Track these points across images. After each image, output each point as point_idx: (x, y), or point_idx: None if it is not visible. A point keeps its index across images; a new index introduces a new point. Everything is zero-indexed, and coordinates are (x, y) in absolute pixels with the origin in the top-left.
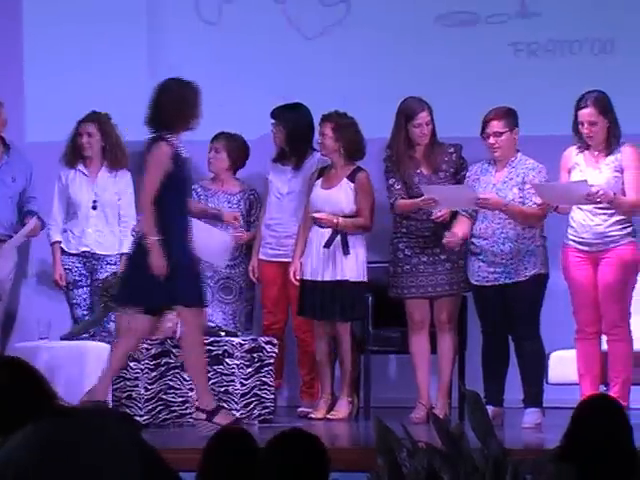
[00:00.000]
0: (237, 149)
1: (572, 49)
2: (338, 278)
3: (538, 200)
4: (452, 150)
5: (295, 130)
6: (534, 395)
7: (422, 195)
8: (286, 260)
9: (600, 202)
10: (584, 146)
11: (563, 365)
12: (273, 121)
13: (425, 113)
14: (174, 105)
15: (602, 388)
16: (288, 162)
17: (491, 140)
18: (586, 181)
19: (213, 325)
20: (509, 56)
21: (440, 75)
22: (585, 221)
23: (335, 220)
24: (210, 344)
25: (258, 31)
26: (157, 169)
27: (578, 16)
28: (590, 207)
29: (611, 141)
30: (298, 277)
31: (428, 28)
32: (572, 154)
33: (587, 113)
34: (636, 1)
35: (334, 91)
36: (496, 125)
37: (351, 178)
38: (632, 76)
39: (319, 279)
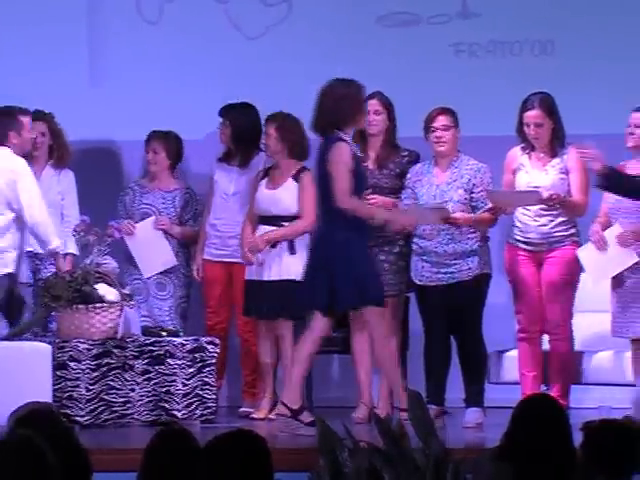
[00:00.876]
0: (174, 147)
1: (513, 50)
2: (283, 277)
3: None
4: (406, 154)
5: (242, 129)
6: (475, 394)
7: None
8: (231, 260)
9: (553, 205)
10: (529, 147)
11: (504, 364)
12: (220, 120)
13: (374, 101)
14: (343, 105)
15: (543, 388)
16: (234, 161)
17: (438, 134)
18: (538, 192)
19: (154, 325)
20: (450, 57)
21: (382, 75)
22: (530, 221)
23: (266, 238)
24: (152, 344)
25: (200, 31)
26: (344, 167)
27: (518, 17)
28: (536, 208)
29: (556, 143)
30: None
31: (370, 28)
32: (517, 155)
33: (533, 115)
34: (576, 2)
35: (277, 91)
36: (443, 119)
37: (296, 178)
38: (572, 77)
39: (264, 279)
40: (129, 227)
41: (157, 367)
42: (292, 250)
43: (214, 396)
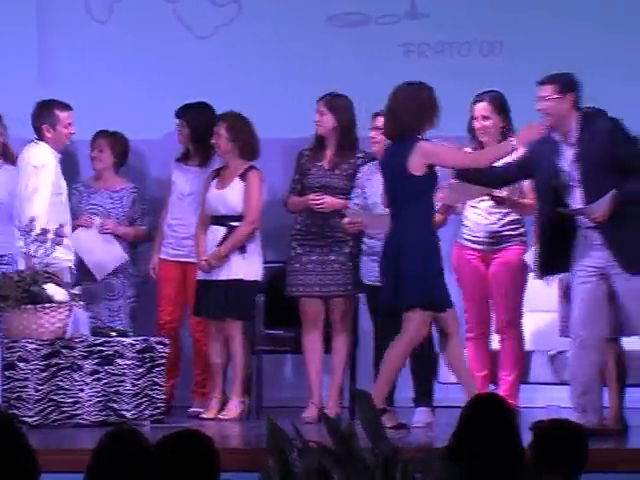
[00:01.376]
0: (120, 146)
1: (461, 50)
2: (231, 277)
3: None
4: (361, 155)
5: (200, 129)
6: (424, 394)
7: (314, 186)
8: (186, 260)
9: (501, 204)
10: (479, 147)
11: None
12: (177, 120)
13: (320, 102)
14: (423, 109)
15: (491, 387)
16: (192, 162)
17: (372, 134)
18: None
19: (103, 326)
20: (399, 57)
21: (331, 75)
22: (480, 220)
23: (217, 256)
24: (101, 344)
25: (150, 30)
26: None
27: (467, 18)
28: (485, 206)
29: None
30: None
31: (319, 28)
32: None
33: (480, 107)
34: (524, 3)
35: (227, 91)
36: (379, 120)
37: (243, 177)
38: (520, 77)
39: (214, 278)
40: (89, 221)
41: (106, 367)
42: (242, 250)
43: (164, 396)
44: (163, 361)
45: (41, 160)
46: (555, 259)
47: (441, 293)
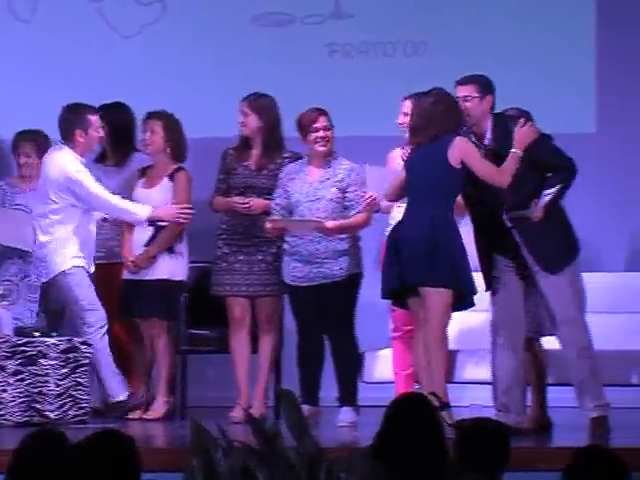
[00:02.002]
0: (44, 146)
1: (386, 51)
2: (157, 277)
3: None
4: (288, 155)
5: (119, 129)
6: (349, 394)
7: (240, 186)
8: (111, 261)
9: None
10: (408, 147)
11: (378, 364)
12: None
13: (243, 103)
14: (450, 112)
15: (416, 386)
16: (110, 162)
17: (321, 134)
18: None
19: (26, 326)
20: (324, 57)
21: (256, 75)
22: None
23: (146, 257)
24: (24, 345)
25: (74, 30)
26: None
27: (391, 18)
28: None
29: None
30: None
31: (244, 28)
32: (397, 154)
33: (406, 104)
34: (447, 3)
35: (152, 90)
36: (324, 119)
37: (172, 178)
38: (445, 77)
39: (140, 278)
40: None
41: (30, 367)
42: (170, 250)
43: (87, 397)
44: (87, 361)
45: (74, 166)
46: (481, 259)
47: (470, 280)
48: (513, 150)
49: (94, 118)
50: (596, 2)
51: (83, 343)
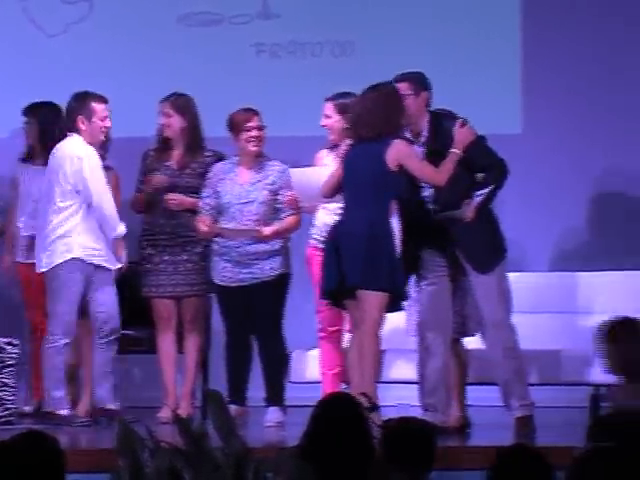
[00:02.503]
0: None
1: (314, 51)
2: None
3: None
4: (210, 154)
5: (49, 128)
6: (276, 394)
7: (165, 187)
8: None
9: None
10: (334, 147)
11: (306, 363)
12: (25, 119)
13: (164, 104)
14: (395, 110)
15: (343, 386)
16: (39, 161)
17: (254, 133)
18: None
19: None
20: (252, 57)
21: (184, 75)
22: (328, 220)
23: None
24: None
25: None
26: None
27: (319, 18)
28: (334, 207)
29: None
30: None
31: (171, 28)
32: (323, 155)
33: (325, 106)
34: (374, 4)
35: (77, 89)
36: (258, 119)
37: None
38: (372, 78)
39: None
40: None
41: None
42: None
43: (13, 397)
44: (13, 362)
45: (82, 151)
46: (409, 260)
47: (404, 283)
48: (452, 150)
49: (100, 107)
50: (521, 4)
51: (8, 344)
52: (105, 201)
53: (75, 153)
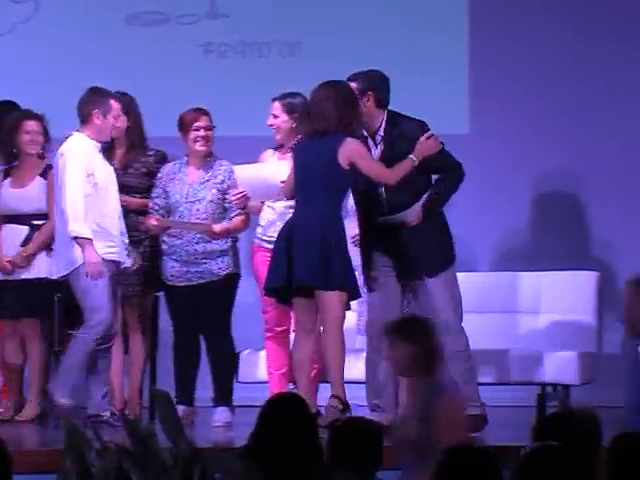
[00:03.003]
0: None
1: (261, 51)
2: (37, 276)
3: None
4: (152, 153)
5: (4, 128)
6: (224, 394)
7: None
8: None
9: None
10: (280, 147)
11: (254, 363)
12: None
13: (115, 104)
14: (349, 108)
15: (290, 386)
16: None
17: (202, 133)
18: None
19: None
20: (200, 57)
21: (132, 75)
22: (274, 220)
23: (26, 256)
24: None
25: None
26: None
27: (267, 18)
28: (279, 206)
29: None
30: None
31: (119, 27)
32: (268, 155)
33: (272, 106)
34: (321, 6)
35: (24, 88)
36: (207, 119)
37: (44, 176)
38: (319, 78)
39: (14, 278)
40: None
41: None
42: (48, 248)
43: None
44: None
45: (69, 146)
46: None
47: (356, 281)
48: (410, 156)
49: (116, 106)
50: (468, 5)
51: None
52: (65, 199)
53: (61, 150)
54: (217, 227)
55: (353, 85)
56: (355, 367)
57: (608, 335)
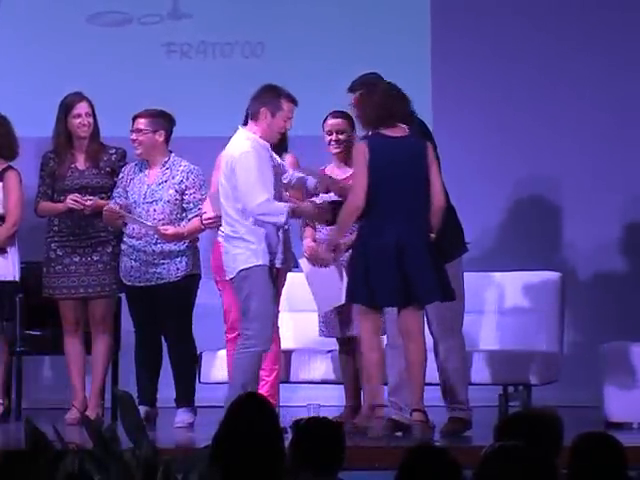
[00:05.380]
0: None
1: (224, 51)
2: None
3: (207, 210)
4: (113, 151)
5: None
6: (186, 394)
7: (73, 188)
8: None
9: None
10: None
11: (215, 364)
12: None
13: (84, 104)
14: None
15: None
16: None
17: (132, 136)
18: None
19: None
20: (162, 57)
21: (93, 75)
22: None
23: None
24: None
25: None
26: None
27: (229, 19)
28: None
29: None
30: None
31: (81, 27)
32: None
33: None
34: (284, 6)
35: None
36: (140, 123)
37: (0, 178)
38: (281, 79)
39: None
40: None
41: None
42: (2, 251)
43: None
44: None
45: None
46: None
47: None
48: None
49: (288, 107)
50: (431, 5)
51: None
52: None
53: (233, 153)
54: (170, 230)
55: (357, 95)
56: (318, 368)
57: (570, 335)
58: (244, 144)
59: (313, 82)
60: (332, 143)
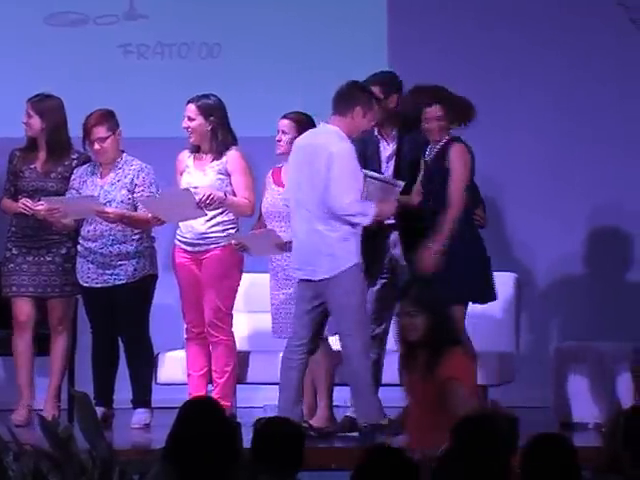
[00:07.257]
0: None
1: (180, 52)
2: None
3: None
4: (76, 157)
5: None
6: (143, 395)
7: (29, 189)
8: None
9: (211, 204)
10: (195, 149)
11: (173, 365)
12: None
13: (28, 105)
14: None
15: (210, 387)
16: None
17: (96, 146)
18: (188, 190)
19: None
20: (119, 57)
21: (50, 76)
22: (189, 222)
23: None
24: None
25: None
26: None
27: (186, 19)
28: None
29: (217, 144)
30: None
31: (37, 27)
32: (185, 157)
33: (187, 108)
34: (241, 7)
35: None
36: (99, 131)
37: None
38: (238, 79)
39: None
40: None
41: None
42: None
43: None
44: None
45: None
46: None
47: None
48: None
49: (376, 109)
50: (387, 3)
51: None
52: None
53: (328, 147)
54: (110, 208)
55: (377, 89)
56: (273, 369)
57: (526, 335)
58: (340, 140)
59: (269, 83)
60: (276, 143)
